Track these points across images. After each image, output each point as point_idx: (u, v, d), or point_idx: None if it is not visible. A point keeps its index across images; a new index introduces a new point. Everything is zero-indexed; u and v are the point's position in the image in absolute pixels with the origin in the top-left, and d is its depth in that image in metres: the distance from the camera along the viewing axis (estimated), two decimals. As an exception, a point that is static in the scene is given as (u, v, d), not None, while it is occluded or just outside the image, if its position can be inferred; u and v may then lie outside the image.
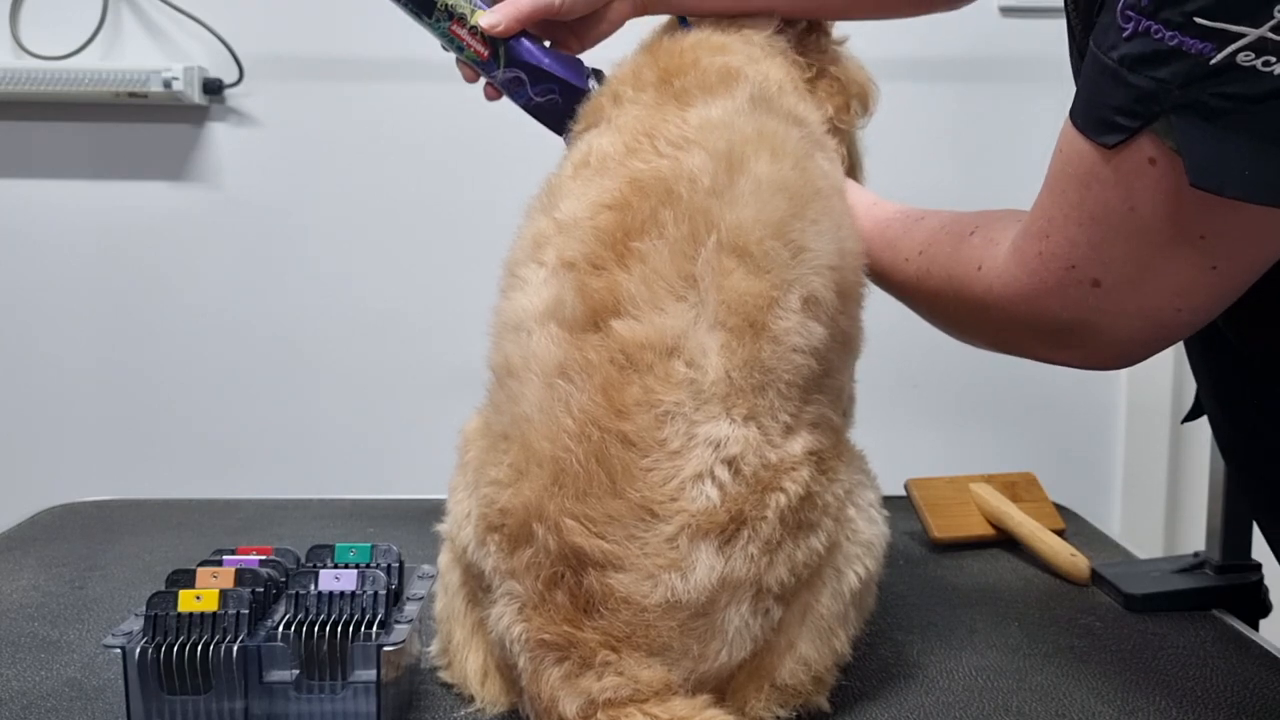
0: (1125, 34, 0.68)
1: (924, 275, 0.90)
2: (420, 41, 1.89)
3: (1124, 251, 0.73)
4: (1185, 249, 0.71)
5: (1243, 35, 0.64)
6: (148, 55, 1.91)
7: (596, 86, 1.00)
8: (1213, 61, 0.65)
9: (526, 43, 1.00)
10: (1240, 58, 0.64)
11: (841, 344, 0.86)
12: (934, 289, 0.89)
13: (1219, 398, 0.97)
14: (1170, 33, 0.66)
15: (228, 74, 1.90)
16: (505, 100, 1.05)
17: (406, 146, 1.94)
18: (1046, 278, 0.77)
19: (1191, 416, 1.07)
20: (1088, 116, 0.72)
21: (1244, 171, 0.66)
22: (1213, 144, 0.66)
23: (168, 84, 1.84)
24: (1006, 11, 1.90)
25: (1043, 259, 0.77)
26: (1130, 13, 0.67)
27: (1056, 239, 0.76)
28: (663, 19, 1.06)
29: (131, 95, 1.86)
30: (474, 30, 1.00)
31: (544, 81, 1.00)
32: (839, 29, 1.10)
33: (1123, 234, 0.73)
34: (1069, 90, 0.79)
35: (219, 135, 1.94)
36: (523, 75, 1.00)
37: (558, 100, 1.00)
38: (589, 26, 1.05)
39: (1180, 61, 0.66)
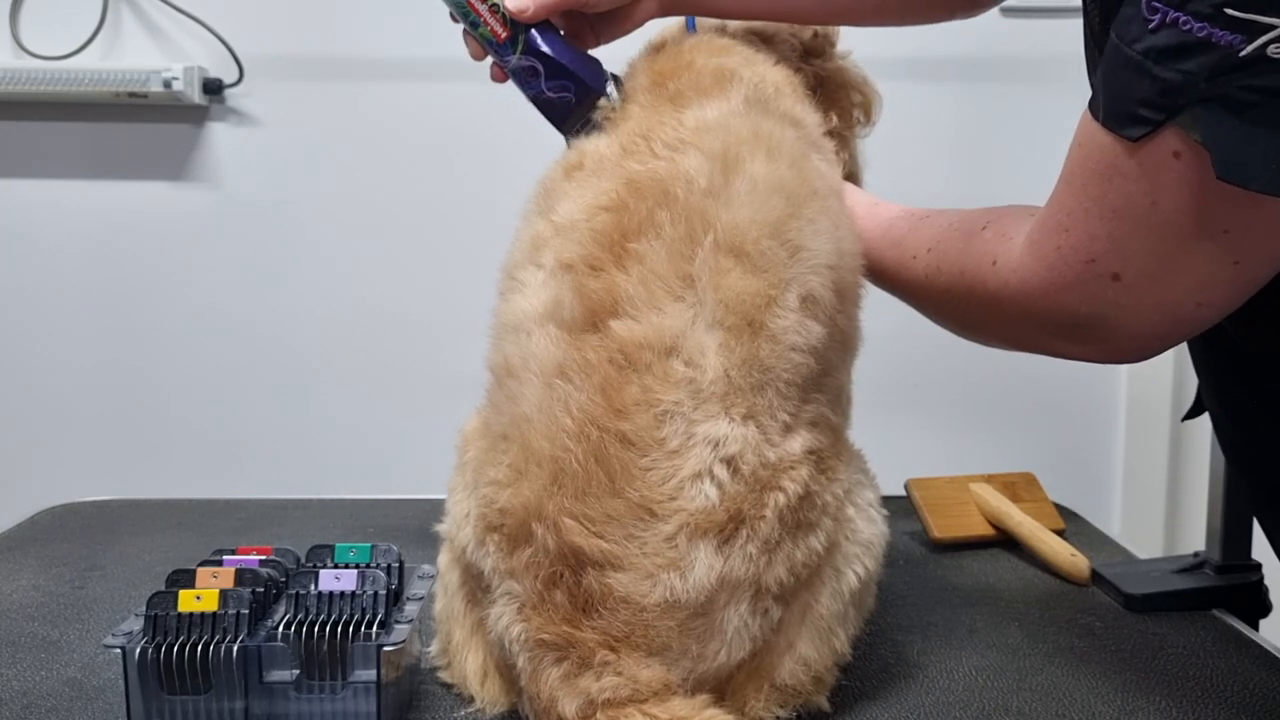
0: (1151, 26, 0.68)
1: (933, 273, 0.90)
2: (420, 41, 1.90)
3: (1146, 246, 0.73)
4: (1208, 244, 0.71)
5: (1273, 27, 0.63)
6: (148, 55, 1.91)
7: (615, 94, 0.96)
8: (1242, 54, 0.64)
9: (549, 33, 0.96)
10: (1270, 50, 0.64)
11: (840, 343, 0.86)
12: (944, 286, 0.89)
13: (1221, 395, 0.97)
14: (1199, 24, 0.65)
15: (228, 74, 1.90)
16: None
17: (406, 146, 1.94)
18: (1065, 272, 0.76)
19: (1192, 414, 1.07)
20: (1110, 109, 0.72)
21: (1270, 165, 0.65)
22: (1239, 137, 0.66)
23: (168, 84, 1.84)
24: (1006, 11, 1.90)
25: (1061, 253, 0.76)
26: (1157, 4, 0.67)
27: (1076, 233, 0.75)
28: (673, 22, 1.05)
29: (131, 95, 1.86)
30: (495, 9, 0.95)
31: (561, 78, 0.96)
32: (842, 42, 1.10)
33: (1145, 228, 0.72)
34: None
35: (219, 135, 1.94)
36: (539, 66, 0.96)
37: (570, 99, 0.96)
38: (610, 23, 1.03)
39: (1208, 53, 0.65)
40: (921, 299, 0.94)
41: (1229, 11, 0.64)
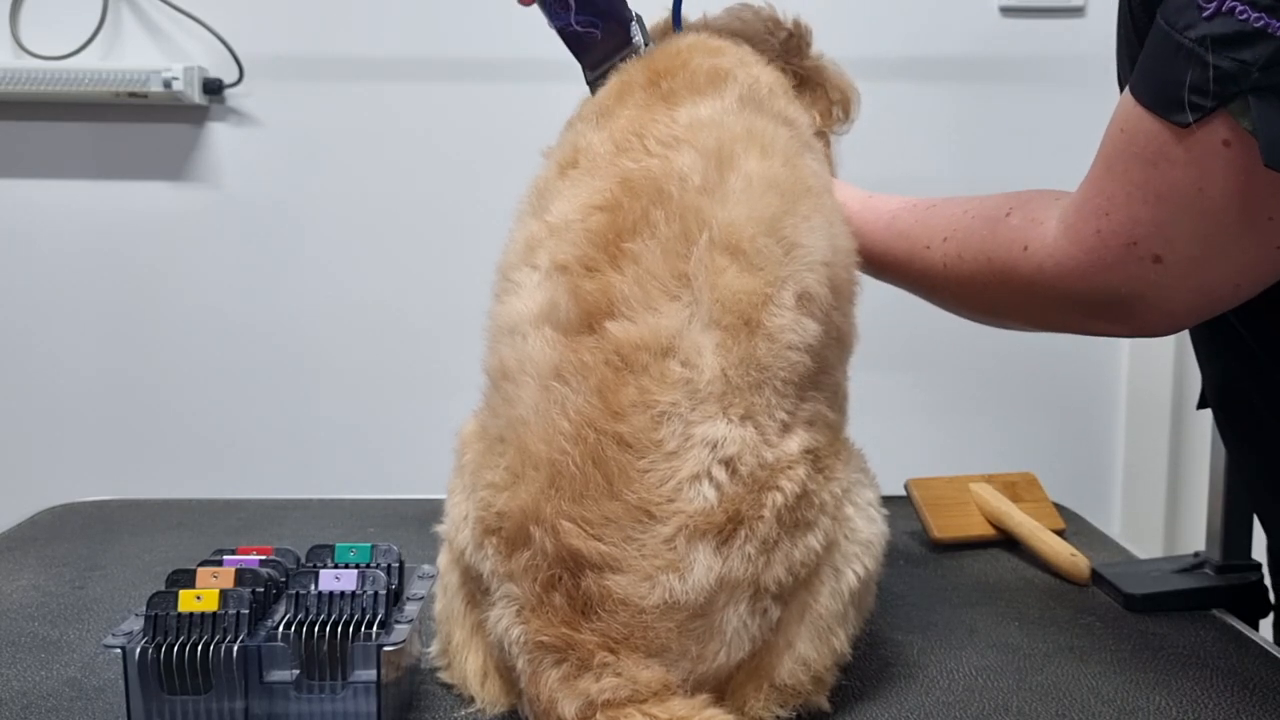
0: (1205, 14, 0.68)
1: (954, 261, 0.90)
2: (421, 41, 1.90)
3: (1190, 230, 0.73)
4: (1252, 230, 0.72)
5: None
6: (148, 55, 1.91)
7: (639, 35, 0.97)
8: None
9: None
10: None
11: (836, 341, 0.86)
12: (967, 274, 0.89)
13: (1224, 387, 0.97)
14: (1256, 14, 0.66)
15: (228, 74, 1.90)
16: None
17: (406, 146, 1.94)
18: (1105, 254, 0.77)
19: (1205, 404, 1.07)
20: (1158, 95, 0.72)
21: None
22: None
23: (168, 84, 1.84)
24: (1006, 11, 1.90)
25: (1101, 236, 0.77)
26: None
27: (1117, 217, 0.76)
28: (656, 20, 1.06)
29: (131, 95, 1.86)
30: None
31: (590, 13, 0.96)
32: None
33: (1190, 214, 0.73)
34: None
35: (219, 135, 1.94)
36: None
37: (596, 35, 0.96)
38: None
39: (1264, 43, 0.66)
40: (938, 288, 0.94)
41: None
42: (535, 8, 0.98)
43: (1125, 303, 0.78)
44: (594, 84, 1.00)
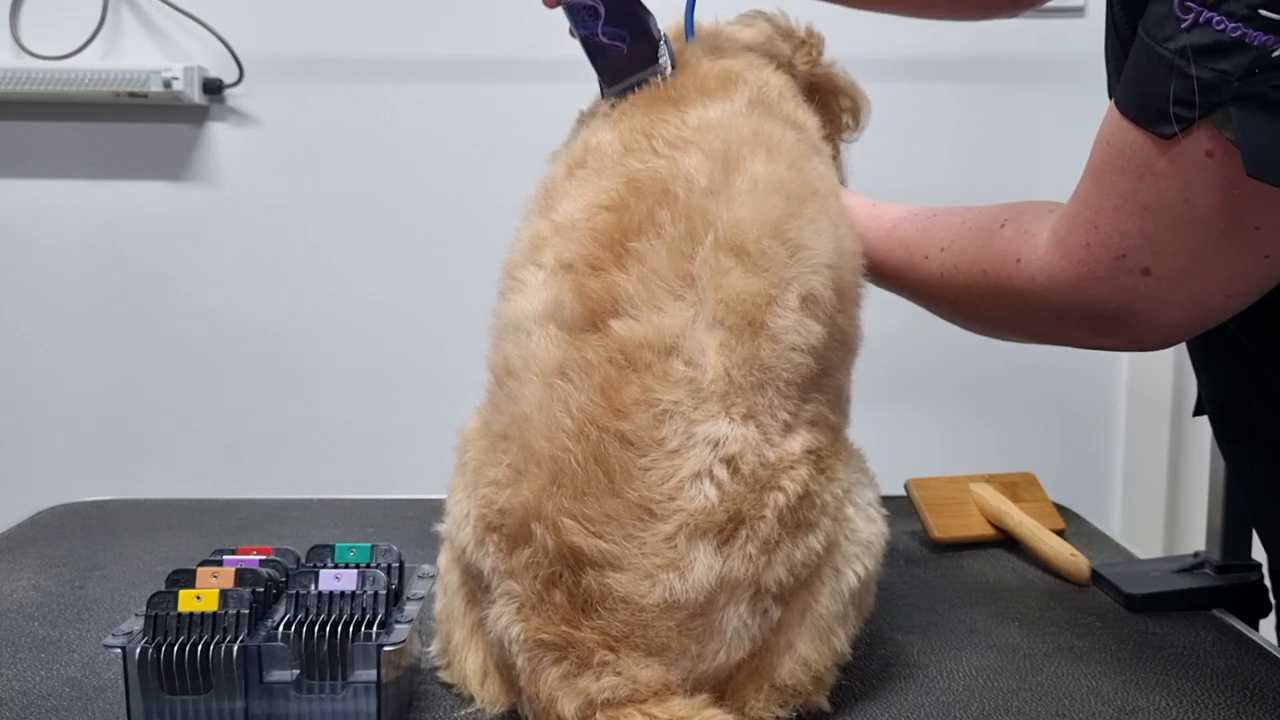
0: (1184, 25, 0.68)
1: (950, 272, 0.90)
2: (421, 41, 1.90)
3: (1178, 242, 0.73)
4: (1239, 240, 0.72)
5: None
6: (148, 55, 1.92)
7: (666, 54, 0.93)
8: (1275, 54, 0.65)
9: None
10: None
11: (840, 343, 0.86)
12: (963, 285, 0.89)
13: (1221, 395, 0.97)
14: (1233, 24, 0.66)
15: (228, 74, 1.91)
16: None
17: (407, 146, 1.94)
18: (1095, 267, 0.77)
19: (1202, 410, 1.07)
20: (1141, 107, 0.73)
21: None
22: (1272, 135, 0.67)
23: (168, 84, 1.84)
24: (1006, 11, 1.90)
25: (1090, 249, 0.77)
26: (1190, 4, 0.68)
27: (1106, 229, 0.76)
28: (668, 24, 1.06)
29: (131, 95, 1.86)
30: None
31: (619, 25, 0.92)
32: (843, 42, 1.10)
33: (1177, 225, 0.73)
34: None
35: (219, 135, 1.94)
36: (600, 9, 0.92)
37: (622, 50, 0.92)
38: None
39: (1242, 53, 0.66)
40: (936, 298, 0.94)
41: (1264, 13, 0.65)
42: (559, 11, 0.95)
43: (1117, 316, 0.78)
44: (611, 101, 0.97)
